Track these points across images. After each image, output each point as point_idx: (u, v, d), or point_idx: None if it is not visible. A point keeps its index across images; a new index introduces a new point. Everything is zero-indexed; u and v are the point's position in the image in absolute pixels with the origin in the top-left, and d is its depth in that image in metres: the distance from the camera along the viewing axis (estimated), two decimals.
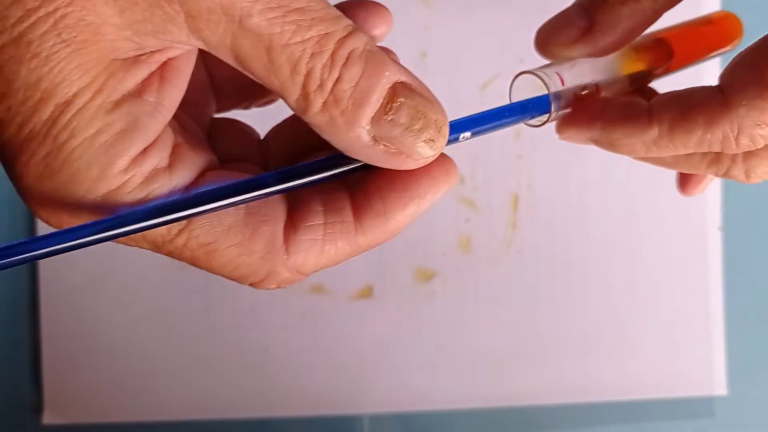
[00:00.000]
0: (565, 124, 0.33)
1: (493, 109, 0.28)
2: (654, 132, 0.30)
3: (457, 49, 0.49)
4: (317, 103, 0.23)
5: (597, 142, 0.33)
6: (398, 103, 0.24)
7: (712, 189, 0.50)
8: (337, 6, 0.26)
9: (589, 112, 0.32)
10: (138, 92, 0.23)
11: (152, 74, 0.23)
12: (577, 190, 0.49)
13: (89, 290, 0.48)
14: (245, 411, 0.49)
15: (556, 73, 0.30)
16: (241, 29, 0.22)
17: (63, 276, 0.47)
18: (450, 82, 0.49)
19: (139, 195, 0.23)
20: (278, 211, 0.26)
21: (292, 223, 0.25)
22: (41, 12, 0.21)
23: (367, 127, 0.24)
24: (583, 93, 0.31)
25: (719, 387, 0.50)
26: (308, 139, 0.27)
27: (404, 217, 0.26)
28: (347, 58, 0.23)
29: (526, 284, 0.49)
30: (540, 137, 0.49)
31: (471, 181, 0.49)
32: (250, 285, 0.26)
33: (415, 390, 0.49)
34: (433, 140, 0.25)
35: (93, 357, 0.48)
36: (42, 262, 0.47)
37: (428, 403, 0.49)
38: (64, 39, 0.21)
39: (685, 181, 0.39)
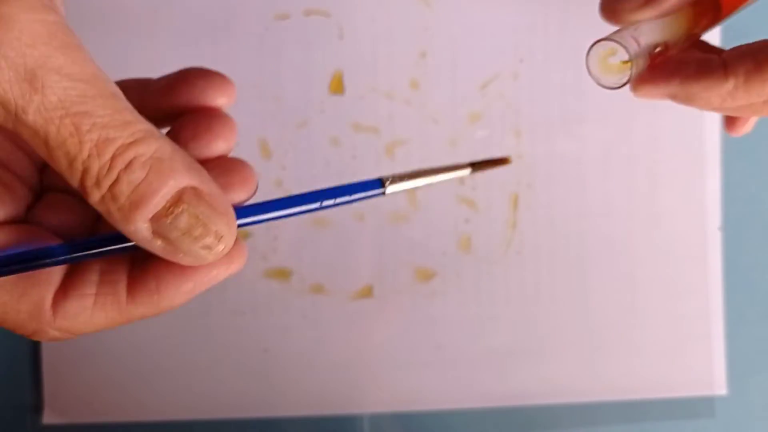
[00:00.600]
0: (641, 82, 0.35)
1: (314, 191, 0.30)
2: (730, 85, 0.33)
3: (457, 48, 0.49)
4: (95, 196, 0.25)
5: (674, 96, 0.35)
6: (180, 209, 0.25)
7: (711, 189, 0.50)
8: (179, 73, 0.28)
9: (666, 70, 0.34)
10: None
11: None
12: (577, 190, 0.50)
13: None
14: (245, 411, 0.49)
15: (631, 36, 0.32)
16: (18, 122, 0.23)
17: None
18: (450, 81, 0.49)
19: None
20: (52, 277, 0.27)
21: (63, 290, 0.27)
22: None
23: (145, 225, 0.25)
24: (656, 51, 0.33)
25: (719, 387, 0.50)
26: None
27: (178, 297, 0.27)
28: (128, 164, 0.24)
29: (526, 284, 0.49)
30: (540, 137, 0.49)
31: (471, 180, 0.49)
32: (23, 335, 0.28)
33: (415, 390, 0.49)
34: (210, 247, 0.26)
35: (93, 357, 0.48)
36: None
37: (428, 403, 0.49)
38: None
39: (732, 123, 0.42)
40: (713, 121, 0.50)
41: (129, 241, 0.26)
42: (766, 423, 0.51)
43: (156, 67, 0.47)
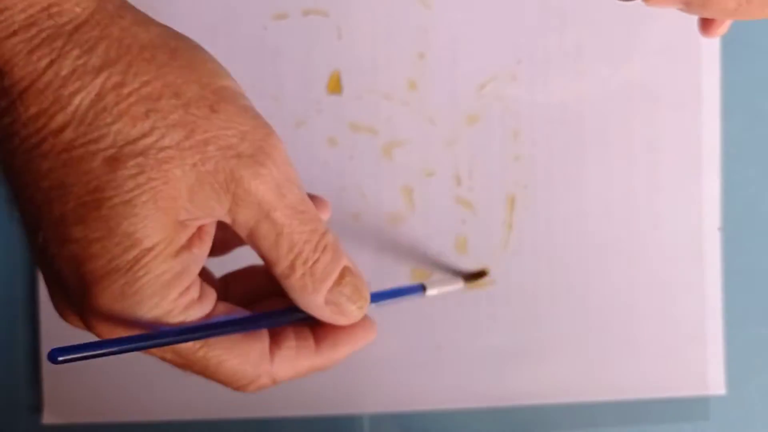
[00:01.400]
0: None
1: (391, 290, 0.43)
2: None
3: (455, 49, 0.49)
4: (298, 273, 0.33)
5: (690, 3, 0.36)
6: (346, 280, 0.34)
7: (711, 189, 0.50)
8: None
9: None
10: (188, 246, 0.31)
11: (194, 233, 0.31)
12: (575, 191, 0.49)
13: None
14: (243, 411, 0.49)
15: None
16: (265, 218, 0.31)
17: None
18: (448, 82, 0.49)
19: (179, 318, 0.32)
20: (264, 334, 0.35)
21: (275, 342, 0.35)
22: (146, 186, 0.29)
23: (324, 294, 0.34)
24: None
25: (718, 387, 0.50)
26: (262, 289, 0.38)
27: (341, 353, 0.37)
28: (324, 248, 0.33)
29: (524, 284, 0.49)
30: (539, 138, 0.49)
31: (468, 181, 0.49)
32: (236, 389, 0.35)
33: (414, 390, 0.49)
34: (361, 307, 0.35)
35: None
36: None
37: (427, 403, 0.49)
38: (155, 205, 0.29)
39: (708, 26, 0.41)
40: (712, 120, 0.50)
41: (302, 312, 0.35)
42: (765, 423, 0.51)
43: None
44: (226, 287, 0.39)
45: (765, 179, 0.51)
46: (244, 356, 0.34)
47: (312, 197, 0.35)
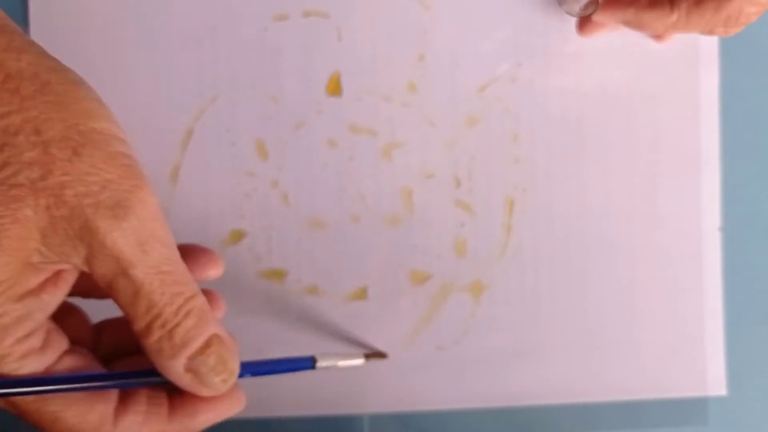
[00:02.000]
0: (601, 10, 0.44)
1: (269, 360, 0.40)
2: (674, 17, 0.41)
3: (455, 51, 0.49)
4: (155, 335, 0.31)
5: (628, 23, 0.43)
6: (211, 350, 0.32)
7: (711, 190, 0.50)
8: (181, 248, 0.34)
9: (623, 1, 0.43)
10: (38, 290, 0.30)
11: (47, 279, 0.30)
12: (575, 193, 0.49)
13: None
14: (244, 411, 0.48)
15: None
16: (123, 274, 0.30)
17: None
18: (448, 84, 0.49)
19: (12, 366, 0.30)
20: (112, 394, 0.33)
21: (123, 404, 0.33)
22: None
23: (184, 361, 0.32)
24: None
25: (719, 387, 0.50)
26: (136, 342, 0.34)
27: (204, 422, 0.35)
28: (188, 313, 0.31)
29: (524, 286, 0.49)
30: (538, 141, 0.49)
31: (467, 183, 0.49)
32: None
33: (414, 390, 0.49)
34: (226, 380, 0.33)
35: None
36: None
37: (427, 404, 0.49)
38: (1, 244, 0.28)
39: (588, 27, 0.48)
40: (711, 121, 0.50)
41: (159, 376, 0.33)
42: (766, 424, 0.51)
43: (158, 67, 0.48)
44: (99, 335, 0.37)
45: (764, 179, 0.51)
46: (82, 416, 0.32)
47: (207, 293, 0.34)
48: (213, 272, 0.37)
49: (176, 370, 0.32)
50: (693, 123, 0.50)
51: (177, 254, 0.32)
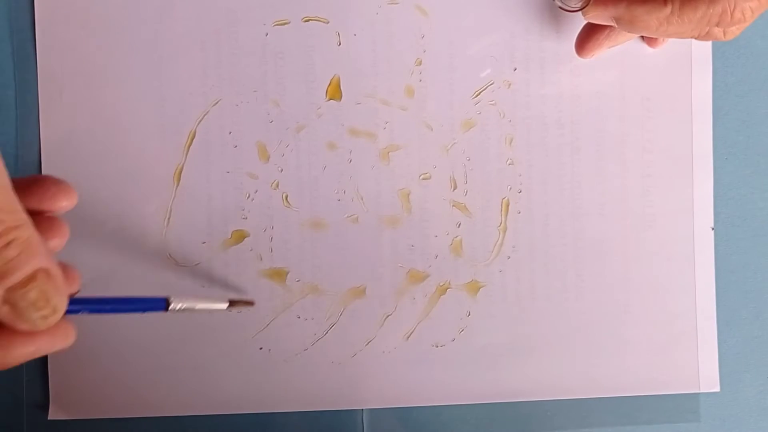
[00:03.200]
0: (593, 5, 0.42)
1: (115, 298, 0.37)
2: (667, 10, 0.40)
3: (452, 56, 0.49)
4: None
5: (619, 19, 0.42)
6: (34, 284, 0.31)
7: (703, 190, 0.50)
8: (34, 178, 0.35)
9: None
10: None
11: None
12: (569, 194, 0.50)
13: (94, 288, 0.48)
14: (246, 407, 0.49)
15: None
16: None
17: None
18: (445, 88, 0.49)
19: None
20: None
21: None
22: None
23: (1, 292, 0.30)
24: None
25: (712, 384, 0.51)
26: None
27: (20, 357, 0.32)
28: (8, 243, 0.30)
29: (518, 285, 0.50)
30: (533, 143, 0.50)
31: (463, 185, 0.49)
32: None
33: (412, 387, 0.50)
34: (46, 317, 0.31)
35: (98, 354, 0.48)
36: None
37: (424, 400, 0.50)
38: None
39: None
40: (704, 122, 0.50)
41: None
42: (758, 420, 0.52)
43: (161, 71, 0.48)
44: None
45: (756, 179, 0.51)
46: None
47: (47, 222, 0.35)
48: (65, 203, 0.35)
49: None
50: (686, 124, 0.50)
51: (3, 180, 0.30)
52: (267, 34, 0.49)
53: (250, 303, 0.47)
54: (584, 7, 0.43)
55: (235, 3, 0.48)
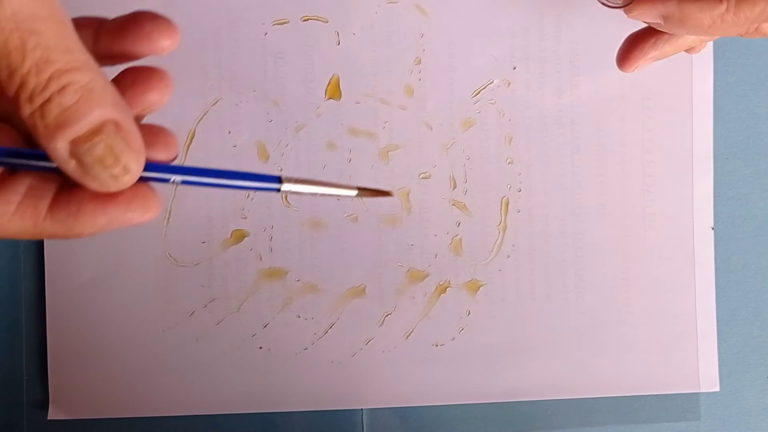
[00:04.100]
0: (639, 3, 0.39)
1: (222, 170, 0.31)
2: (722, 7, 0.37)
3: (451, 55, 0.49)
4: (26, 110, 0.26)
5: (668, 17, 0.38)
6: (100, 137, 0.27)
7: (703, 190, 0.50)
8: (131, 15, 0.30)
9: None
10: None
11: None
12: (569, 193, 0.50)
13: (94, 288, 0.48)
14: (247, 407, 0.49)
15: None
16: None
17: (68, 274, 0.48)
18: (444, 87, 0.49)
19: None
20: None
21: None
22: None
23: (66, 145, 0.27)
24: None
25: (712, 384, 0.51)
26: None
27: (90, 226, 0.29)
28: (62, 88, 0.26)
29: (518, 284, 0.50)
30: (533, 142, 0.50)
31: (463, 185, 0.49)
32: None
33: (411, 386, 0.50)
34: (116, 177, 0.28)
35: (98, 354, 0.48)
36: (48, 261, 0.48)
37: (424, 400, 0.50)
38: None
39: (631, 59, 0.44)
40: (705, 122, 0.50)
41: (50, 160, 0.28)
42: (758, 419, 0.52)
43: None
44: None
45: (757, 179, 0.51)
46: None
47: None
48: (166, 42, 0.31)
49: (59, 154, 0.27)
50: (686, 124, 0.50)
51: (54, 14, 0.26)
52: (266, 34, 0.49)
53: (386, 193, 0.38)
54: (628, 4, 0.39)
55: (234, 2, 0.48)
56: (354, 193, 0.35)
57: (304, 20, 0.49)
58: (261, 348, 0.49)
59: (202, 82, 0.48)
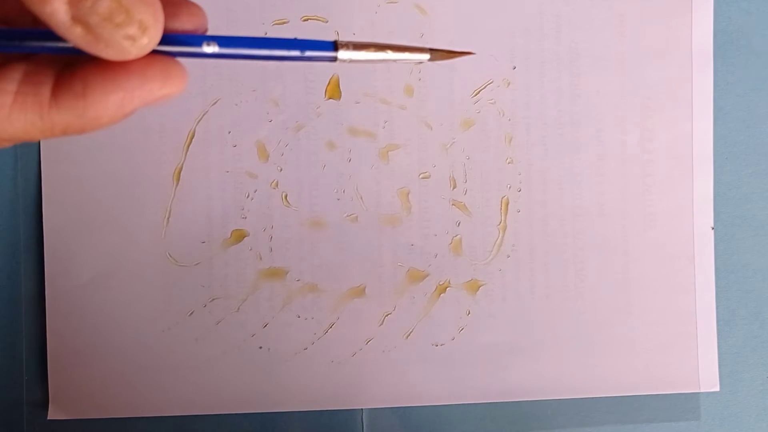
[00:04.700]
0: None
1: (262, 38, 0.27)
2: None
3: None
4: None
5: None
6: None
7: (704, 189, 0.50)
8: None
9: None
10: None
11: None
12: (569, 193, 0.50)
13: (94, 288, 0.48)
14: (247, 407, 0.49)
15: None
16: None
17: (68, 274, 0.48)
18: (444, 87, 0.49)
19: None
20: None
21: None
22: None
23: (64, 6, 0.23)
24: None
25: (712, 384, 0.51)
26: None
27: (104, 107, 0.25)
28: None
29: (518, 284, 0.50)
30: (532, 142, 0.50)
31: (463, 185, 0.50)
32: None
33: (412, 386, 0.50)
34: (133, 38, 0.24)
35: (98, 353, 0.48)
36: (48, 261, 0.48)
37: (424, 399, 0.50)
38: None
39: None
40: (705, 121, 0.50)
41: (55, 40, 0.25)
42: (758, 419, 0.52)
43: None
44: None
45: (757, 179, 0.52)
46: None
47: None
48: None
49: (59, 19, 0.23)
50: (686, 124, 0.50)
51: None
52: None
53: (464, 53, 0.33)
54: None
55: (233, 2, 0.48)
56: (426, 57, 0.30)
57: (304, 20, 0.49)
58: (261, 348, 0.49)
59: (201, 81, 0.48)
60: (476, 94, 0.49)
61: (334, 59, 0.27)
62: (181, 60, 0.27)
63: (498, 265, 0.50)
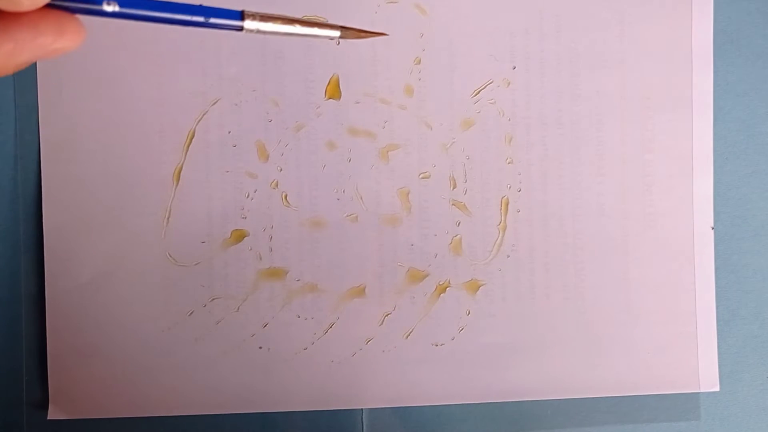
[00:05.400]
0: None
1: (166, 1, 0.27)
2: None
3: (451, 55, 0.49)
4: None
5: None
6: None
7: (704, 189, 0.50)
8: None
9: None
10: None
11: None
12: (569, 193, 0.50)
13: (94, 287, 0.48)
14: (246, 406, 0.49)
15: None
16: None
17: (68, 274, 0.48)
18: (444, 87, 0.49)
19: None
20: None
21: None
22: None
23: None
24: None
25: (712, 384, 0.51)
26: None
27: (9, 55, 0.25)
28: None
29: (518, 284, 0.50)
30: (532, 142, 0.50)
31: (463, 185, 0.50)
32: None
33: (412, 386, 0.50)
34: None
35: (98, 353, 0.48)
36: (48, 261, 0.48)
37: (425, 399, 0.50)
38: None
39: None
40: (705, 121, 0.50)
41: None
42: (758, 419, 0.52)
43: (161, 70, 0.48)
44: None
45: (756, 178, 0.52)
46: None
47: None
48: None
49: None
50: (686, 124, 0.50)
51: None
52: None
53: (376, 33, 0.33)
54: None
55: (234, 3, 0.48)
56: (337, 33, 0.30)
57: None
58: (261, 348, 0.49)
59: (201, 81, 0.48)
60: (476, 94, 0.49)
61: (241, 29, 0.27)
62: (88, 20, 0.27)
63: (498, 265, 0.50)
